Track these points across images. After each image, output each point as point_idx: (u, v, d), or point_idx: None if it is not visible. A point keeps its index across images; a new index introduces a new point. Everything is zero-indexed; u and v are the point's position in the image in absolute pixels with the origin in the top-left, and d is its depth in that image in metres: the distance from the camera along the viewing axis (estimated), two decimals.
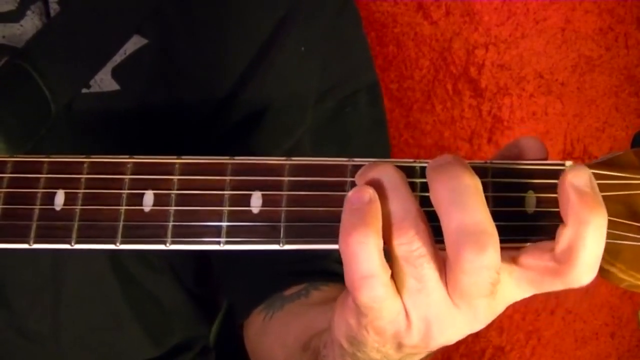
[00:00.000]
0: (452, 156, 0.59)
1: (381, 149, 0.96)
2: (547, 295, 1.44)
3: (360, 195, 0.58)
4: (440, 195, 0.58)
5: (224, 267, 0.93)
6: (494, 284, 0.57)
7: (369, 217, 0.58)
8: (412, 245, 0.57)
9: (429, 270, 0.58)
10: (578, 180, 0.57)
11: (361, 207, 0.58)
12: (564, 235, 0.57)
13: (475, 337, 1.44)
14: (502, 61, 1.43)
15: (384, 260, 0.58)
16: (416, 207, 0.58)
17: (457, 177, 0.58)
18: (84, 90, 0.84)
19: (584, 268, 0.58)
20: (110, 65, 0.85)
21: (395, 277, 0.59)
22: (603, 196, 0.57)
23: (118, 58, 0.85)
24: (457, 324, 0.60)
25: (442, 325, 0.60)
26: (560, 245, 0.57)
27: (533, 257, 0.59)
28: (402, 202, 0.58)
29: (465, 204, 0.57)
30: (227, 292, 1.00)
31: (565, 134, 1.45)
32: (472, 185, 0.58)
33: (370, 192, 0.58)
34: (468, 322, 0.60)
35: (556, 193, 0.59)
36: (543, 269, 0.59)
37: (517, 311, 1.46)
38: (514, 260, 0.60)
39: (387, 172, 0.59)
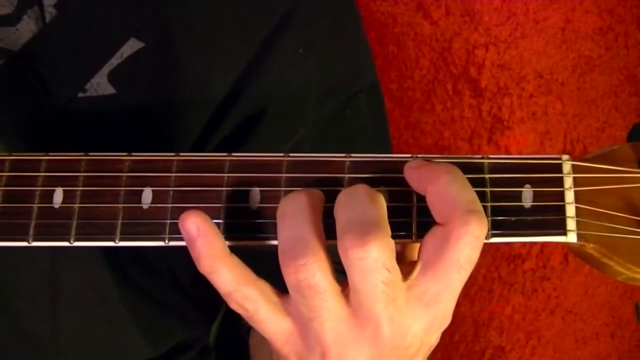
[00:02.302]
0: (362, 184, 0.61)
1: (383, 151, 0.96)
2: (547, 295, 1.44)
3: (187, 230, 0.60)
4: (336, 205, 0.59)
5: None
6: (386, 284, 0.57)
7: (205, 247, 0.59)
8: (298, 275, 0.58)
9: (320, 301, 0.58)
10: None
11: (194, 242, 0.60)
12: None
13: (475, 337, 1.44)
14: (502, 61, 1.43)
15: (239, 274, 0.60)
16: (311, 235, 0.58)
17: (355, 188, 0.60)
18: (80, 94, 0.84)
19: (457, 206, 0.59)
20: (106, 69, 0.84)
21: (292, 301, 0.60)
22: (601, 190, 0.58)
23: (115, 61, 0.85)
24: (359, 346, 0.60)
25: (342, 350, 0.60)
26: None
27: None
28: (294, 230, 0.59)
29: (354, 202, 0.58)
30: None
31: (565, 134, 1.45)
32: (366, 193, 0.59)
33: (194, 221, 0.60)
34: (371, 341, 0.60)
35: (554, 187, 0.60)
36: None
37: (517, 311, 1.46)
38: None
39: (292, 199, 0.60)
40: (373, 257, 0.56)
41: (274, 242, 0.62)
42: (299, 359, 0.62)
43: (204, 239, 0.59)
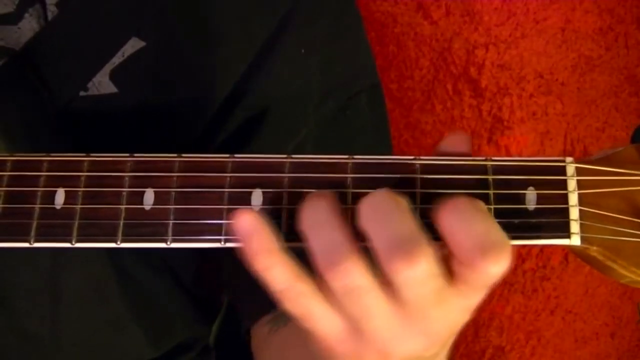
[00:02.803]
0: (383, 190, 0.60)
1: (384, 151, 0.96)
2: (547, 295, 1.44)
3: (243, 227, 0.59)
4: (364, 217, 0.58)
5: (234, 271, 0.93)
6: (438, 291, 0.57)
7: (259, 243, 0.59)
8: (343, 279, 0.57)
9: (368, 299, 0.58)
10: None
11: (247, 236, 0.59)
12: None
13: (475, 337, 1.44)
14: (502, 61, 1.43)
15: (293, 271, 0.59)
16: (344, 238, 0.58)
17: (379, 197, 0.58)
18: (82, 93, 0.84)
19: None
20: (108, 68, 0.85)
21: (338, 304, 0.59)
22: (604, 192, 0.58)
23: (116, 60, 0.85)
24: (415, 336, 0.60)
25: (398, 340, 0.60)
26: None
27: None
28: (326, 238, 0.58)
29: (387, 216, 0.57)
30: (234, 296, 1.00)
31: (566, 134, 1.45)
32: (394, 202, 0.58)
33: (250, 218, 0.59)
34: (426, 333, 0.60)
35: (557, 189, 0.59)
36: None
37: (517, 311, 1.46)
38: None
39: (314, 207, 0.59)
40: (423, 270, 0.56)
41: None
42: (352, 358, 0.62)
43: (259, 235, 0.59)
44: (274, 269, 0.59)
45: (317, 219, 0.59)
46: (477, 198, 0.59)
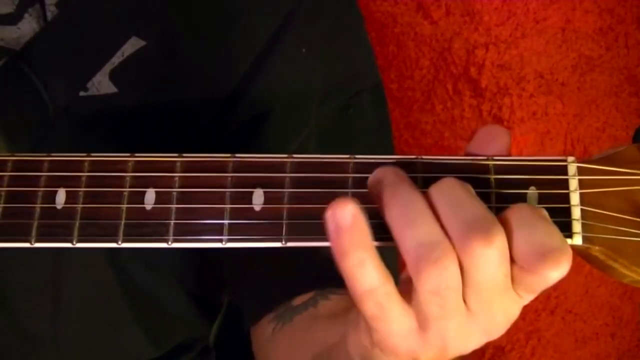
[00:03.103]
0: (450, 178, 0.59)
1: (385, 150, 0.96)
2: (547, 295, 1.44)
3: (342, 218, 0.56)
4: (437, 203, 0.57)
5: (235, 270, 0.93)
6: (507, 275, 0.57)
7: (357, 236, 0.56)
8: (439, 277, 0.56)
9: (454, 296, 0.57)
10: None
11: (345, 228, 0.56)
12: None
13: None
14: (502, 61, 1.43)
15: (383, 270, 0.57)
16: (442, 235, 0.56)
17: (448, 184, 0.58)
18: (82, 93, 0.84)
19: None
20: (108, 68, 0.85)
21: (414, 302, 0.58)
22: (606, 192, 0.58)
23: (116, 60, 0.85)
24: (474, 333, 0.60)
25: (460, 338, 0.59)
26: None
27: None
28: (424, 235, 0.56)
29: (459, 201, 0.57)
30: (235, 295, 1.00)
31: (566, 134, 1.45)
32: (461, 187, 0.58)
33: (350, 209, 0.56)
34: (485, 328, 0.60)
35: (559, 189, 0.59)
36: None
37: None
38: None
39: (407, 201, 0.58)
40: (499, 248, 0.55)
41: (277, 244, 0.62)
42: (411, 356, 0.60)
43: (358, 228, 0.56)
44: (367, 266, 0.56)
45: (413, 215, 0.57)
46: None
